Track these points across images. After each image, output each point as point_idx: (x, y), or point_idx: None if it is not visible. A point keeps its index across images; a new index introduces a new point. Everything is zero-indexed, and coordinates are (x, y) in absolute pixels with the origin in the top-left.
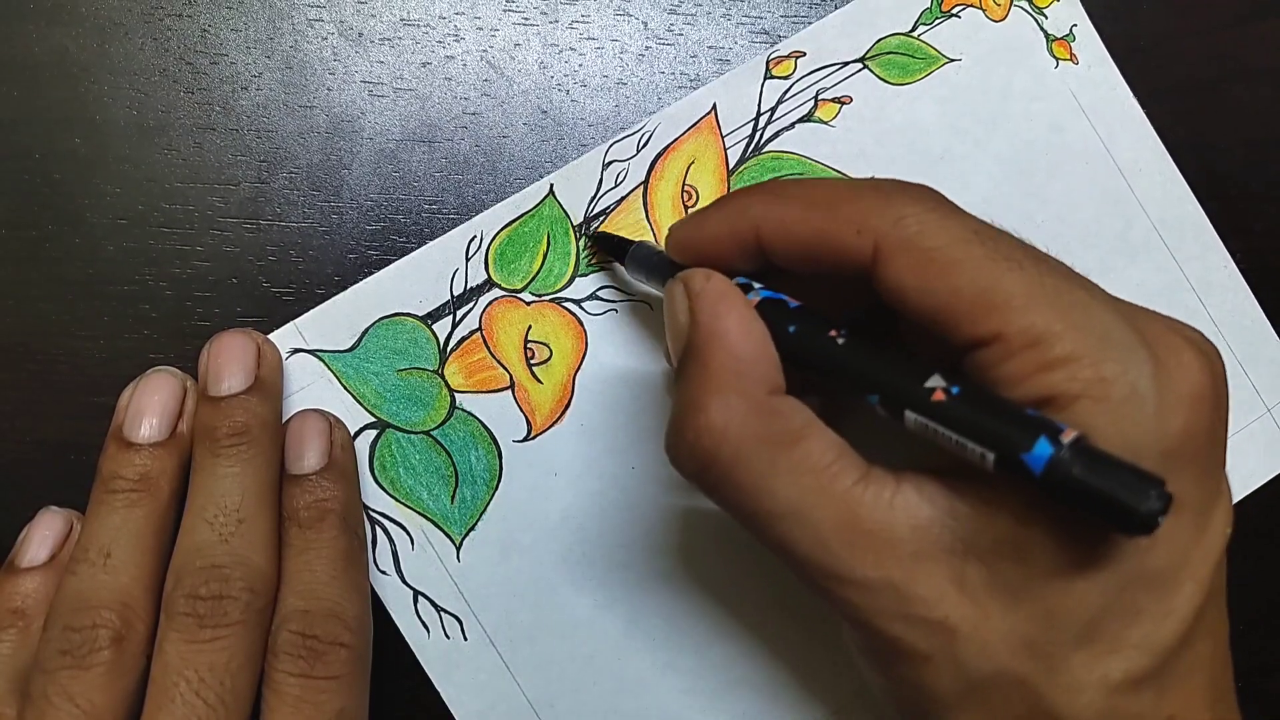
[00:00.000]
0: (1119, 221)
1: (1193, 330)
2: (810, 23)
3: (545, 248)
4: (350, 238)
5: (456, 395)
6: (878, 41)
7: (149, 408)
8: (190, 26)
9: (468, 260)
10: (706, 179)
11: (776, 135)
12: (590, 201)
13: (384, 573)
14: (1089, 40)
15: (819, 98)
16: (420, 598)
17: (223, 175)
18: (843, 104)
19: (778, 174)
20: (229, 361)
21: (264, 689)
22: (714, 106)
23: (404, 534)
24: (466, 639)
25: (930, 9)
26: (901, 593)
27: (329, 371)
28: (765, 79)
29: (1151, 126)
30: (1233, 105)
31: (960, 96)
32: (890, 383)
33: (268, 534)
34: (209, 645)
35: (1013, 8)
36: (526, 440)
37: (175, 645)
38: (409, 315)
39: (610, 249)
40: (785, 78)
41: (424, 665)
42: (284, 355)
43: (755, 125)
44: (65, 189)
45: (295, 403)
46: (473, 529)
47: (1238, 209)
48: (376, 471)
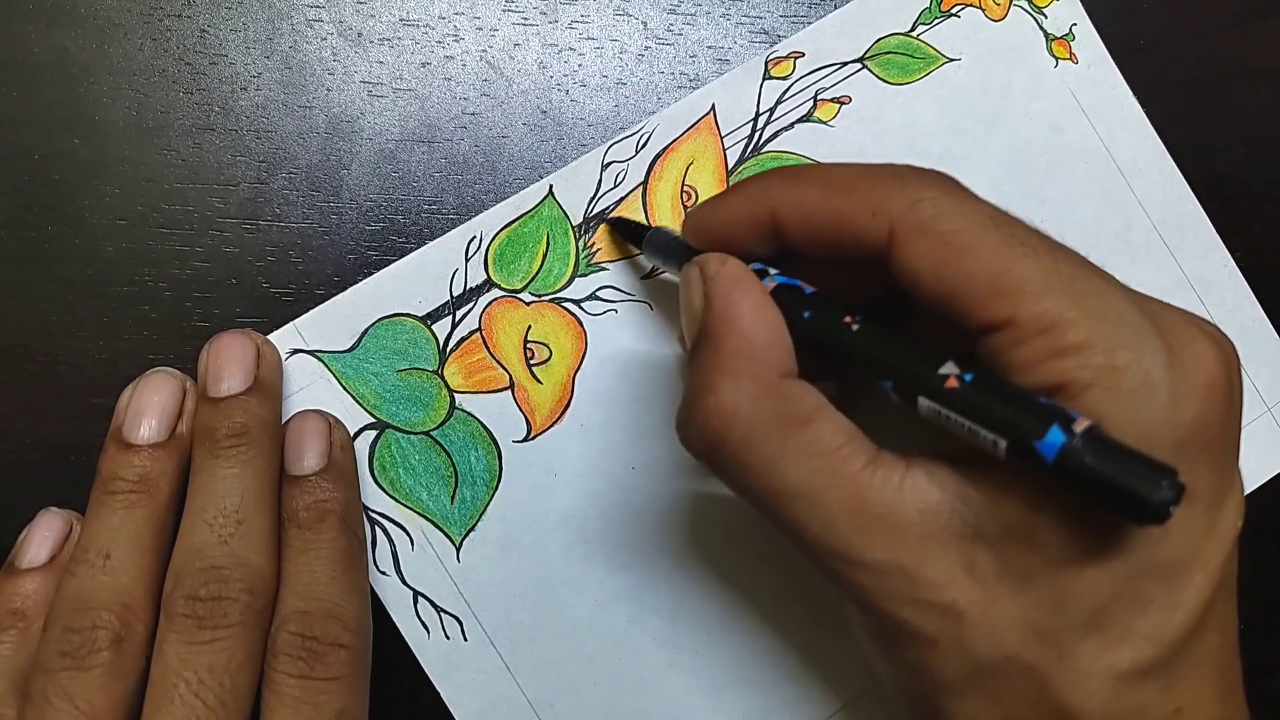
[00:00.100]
0: (1119, 221)
1: (1207, 322)
2: (809, 23)
3: (545, 248)
4: (350, 238)
5: (456, 395)
6: (877, 41)
7: (148, 409)
8: (189, 27)
9: (467, 260)
10: (706, 179)
11: (776, 135)
12: (590, 202)
13: (384, 573)
14: (1089, 40)
15: (818, 98)
16: (420, 598)
17: (222, 176)
18: (842, 104)
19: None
20: (228, 362)
21: (264, 690)
22: (713, 107)
23: (404, 534)
24: (466, 639)
25: (929, 9)
26: (909, 576)
27: (328, 372)
28: (764, 79)
29: (1151, 126)
30: (1233, 105)
31: (960, 96)
32: (904, 369)
33: (267, 535)
34: (208, 646)
35: (1012, 7)
36: (526, 440)
37: (175, 646)
38: (408, 316)
39: (626, 234)
40: (784, 78)
41: (424, 665)
42: (283, 356)
43: (754, 125)
44: (65, 189)
45: (295, 403)
46: (473, 529)
47: (1238, 209)
48: (376, 472)
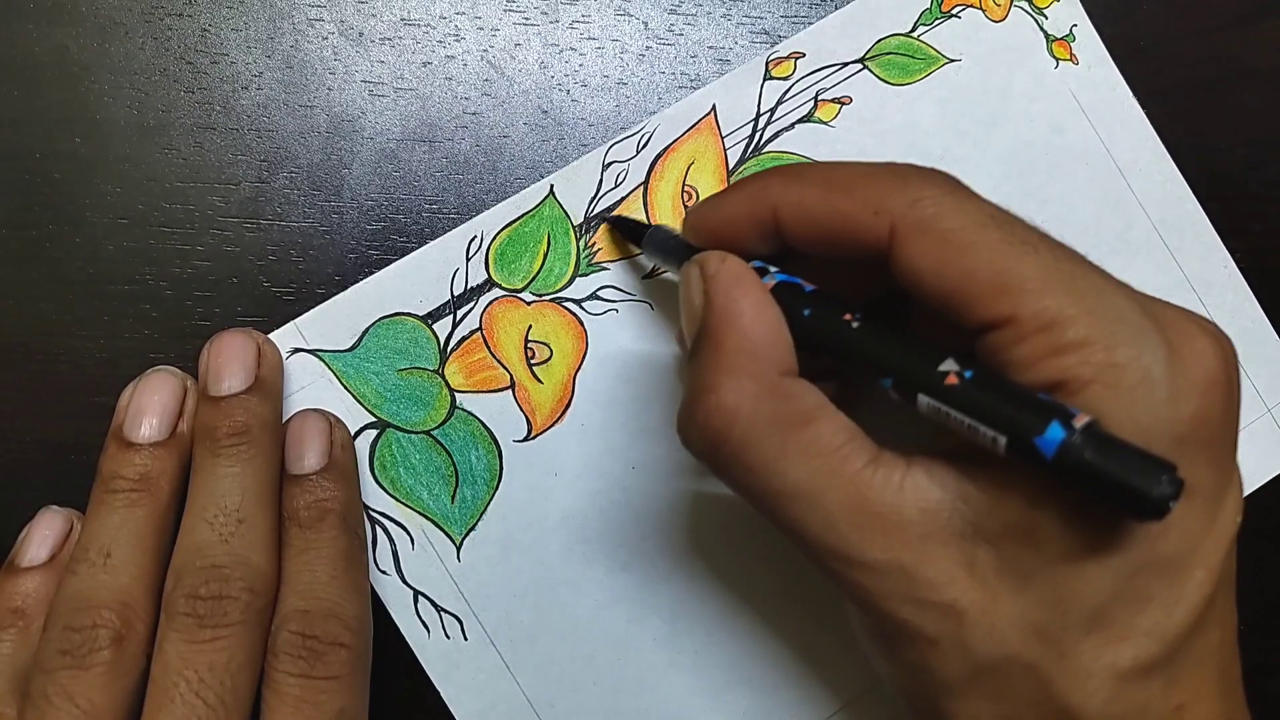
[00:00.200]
0: (1119, 221)
1: (1206, 320)
2: (810, 23)
3: (545, 248)
4: (350, 237)
5: (457, 395)
6: (877, 42)
7: (149, 407)
8: (190, 26)
9: (468, 260)
10: (706, 180)
11: (776, 136)
12: (590, 202)
13: (384, 573)
14: (1089, 40)
15: (819, 98)
16: (420, 598)
17: (223, 175)
18: (842, 104)
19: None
20: (229, 361)
21: (264, 689)
22: (713, 107)
23: (404, 534)
24: (466, 639)
25: (930, 9)
26: (910, 575)
27: (329, 371)
28: (765, 80)
29: (1151, 127)
30: (1233, 105)
31: (960, 97)
32: (904, 366)
33: (268, 534)
34: (209, 645)
35: (1013, 8)
36: (527, 440)
37: (175, 645)
38: (409, 315)
39: (626, 232)
40: (785, 78)
41: (424, 665)
42: (284, 355)
43: (755, 126)
44: (65, 189)
45: (295, 402)
46: (473, 529)
47: (1237, 209)
48: (377, 471)
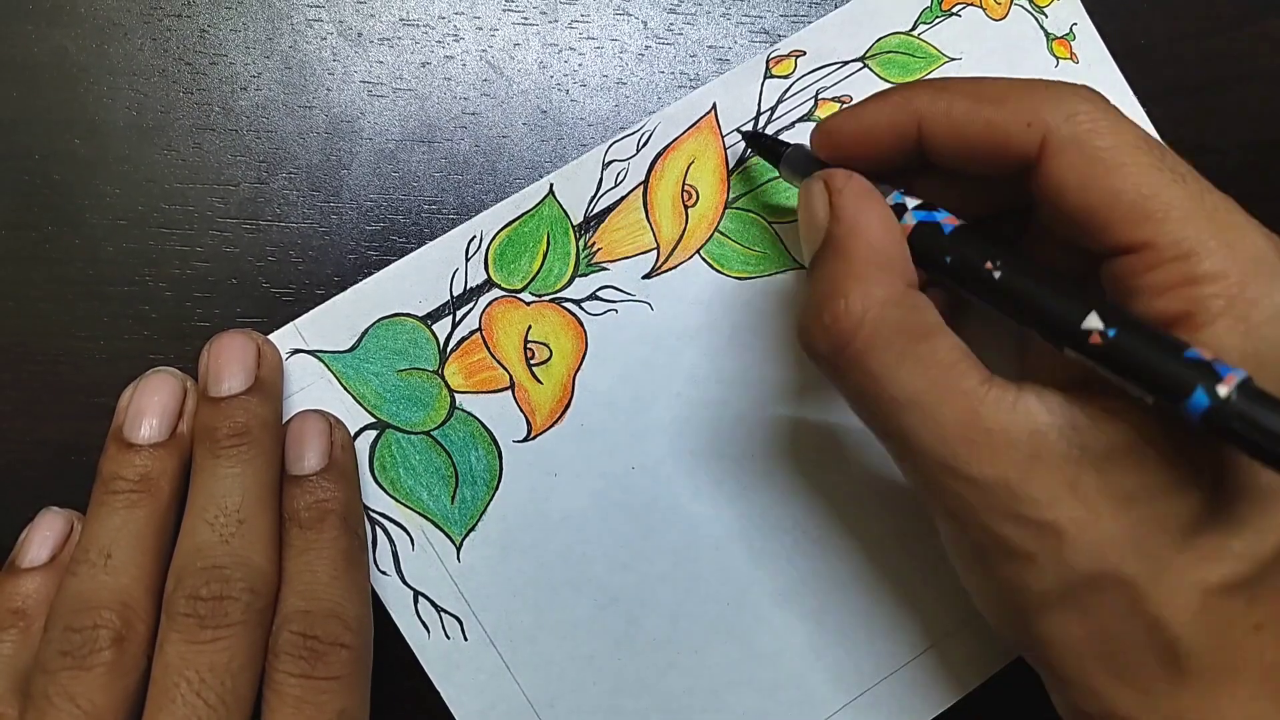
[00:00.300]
0: None
1: None
2: (810, 22)
3: (545, 248)
4: (350, 238)
5: (456, 395)
6: (878, 40)
7: (149, 408)
8: (189, 27)
9: (467, 260)
10: (706, 178)
11: (777, 134)
12: (590, 201)
13: (384, 573)
14: (1089, 40)
15: (819, 97)
16: (420, 598)
17: (222, 176)
18: (843, 103)
19: (778, 175)
20: (229, 362)
21: (265, 689)
22: (714, 106)
23: (404, 534)
24: (466, 639)
25: (930, 8)
26: (1014, 493)
27: (329, 372)
28: (765, 78)
29: (1152, 126)
30: (1233, 105)
31: None
32: (1048, 321)
33: (268, 534)
34: (210, 646)
35: (1013, 7)
36: (526, 440)
37: (176, 646)
38: (409, 315)
39: (762, 150)
40: (785, 77)
41: (424, 665)
42: (284, 356)
43: (755, 125)
44: (65, 189)
45: (295, 403)
46: (473, 529)
47: None
48: (376, 472)
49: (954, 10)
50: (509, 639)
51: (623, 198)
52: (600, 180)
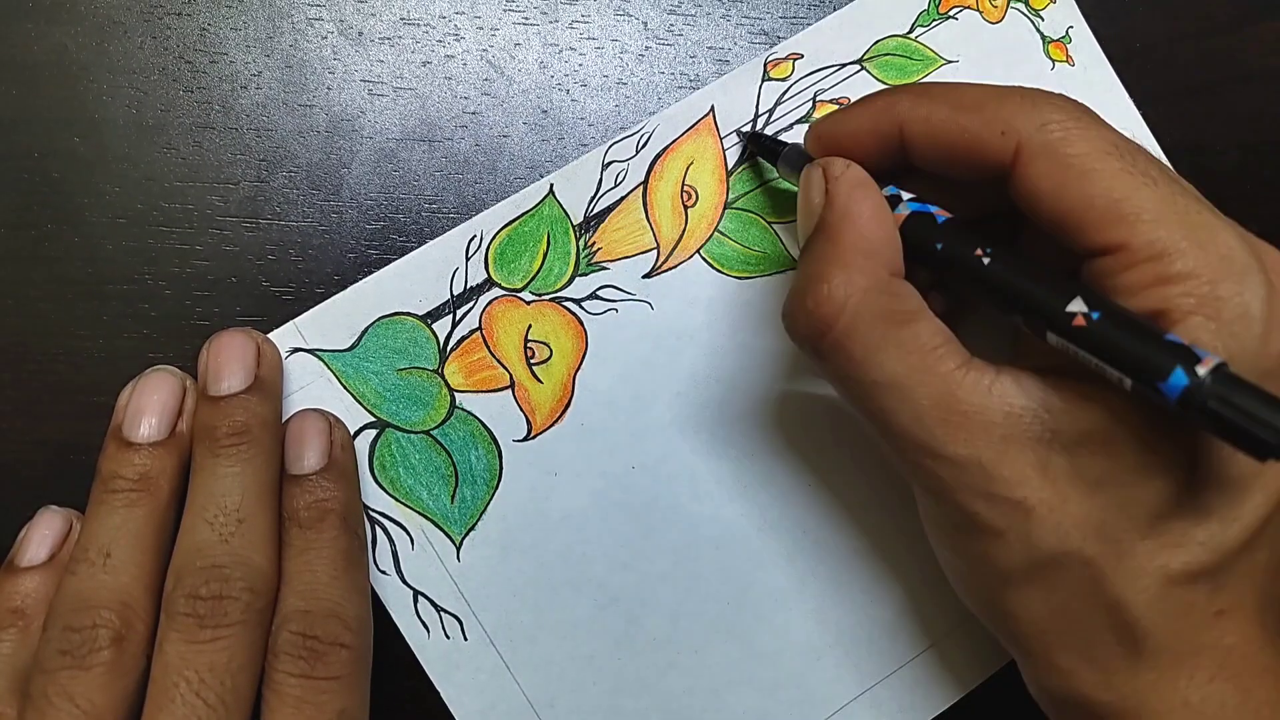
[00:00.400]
0: None
1: None
2: (809, 23)
3: (545, 247)
4: (350, 237)
5: (456, 395)
6: (875, 43)
7: (148, 407)
8: (189, 25)
9: (468, 259)
10: (705, 180)
11: (776, 135)
12: (590, 201)
13: (384, 573)
14: (1085, 42)
15: (817, 99)
16: (420, 598)
17: (222, 174)
18: (841, 105)
19: (777, 177)
20: (229, 361)
21: (264, 689)
22: (711, 108)
23: (404, 534)
24: (466, 639)
25: (927, 11)
26: (987, 472)
27: (329, 371)
28: (763, 80)
29: (1147, 128)
30: (1228, 107)
31: None
32: (1033, 306)
33: (268, 534)
34: (209, 645)
35: (1009, 10)
36: (526, 440)
37: (175, 645)
38: (409, 315)
39: (761, 150)
40: (783, 79)
41: (424, 665)
42: (284, 354)
43: (754, 126)
44: (64, 188)
45: (295, 402)
46: (473, 529)
47: (1233, 211)
48: (376, 471)
49: (951, 13)
50: (509, 639)
51: (622, 198)
52: (600, 180)
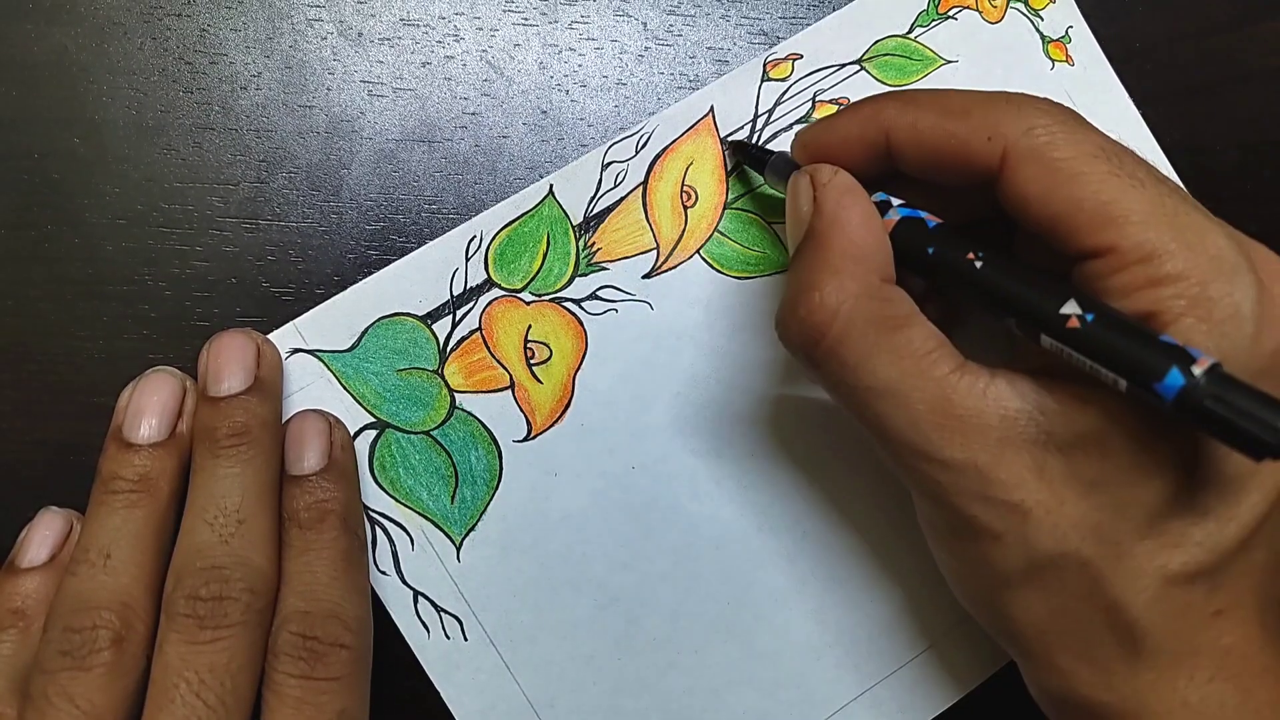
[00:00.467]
0: None
1: None
2: (809, 23)
3: (545, 247)
4: (350, 238)
5: (456, 395)
6: (875, 43)
7: (148, 408)
8: (189, 26)
9: (467, 260)
10: (705, 180)
11: (774, 137)
12: (590, 201)
13: (384, 573)
14: (1084, 42)
15: (816, 99)
16: (420, 598)
17: (222, 175)
18: (840, 106)
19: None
20: (229, 361)
21: (264, 690)
22: (711, 109)
23: (404, 534)
24: (466, 639)
25: (927, 11)
26: (984, 475)
27: (328, 371)
28: (763, 81)
29: (1147, 128)
30: (1228, 107)
31: None
32: (1026, 309)
33: (268, 534)
34: (209, 646)
35: (1009, 10)
36: (526, 440)
37: (175, 646)
38: (408, 315)
39: (748, 159)
40: (783, 80)
41: (424, 665)
42: (283, 355)
43: (753, 127)
44: (64, 189)
45: (295, 403)
46: (473, 529)
47: (1232, 211)
48: (376, 472)
49: (950, 13)
50: (509, 639)
51: (622, 198)
52: (600, 181)
